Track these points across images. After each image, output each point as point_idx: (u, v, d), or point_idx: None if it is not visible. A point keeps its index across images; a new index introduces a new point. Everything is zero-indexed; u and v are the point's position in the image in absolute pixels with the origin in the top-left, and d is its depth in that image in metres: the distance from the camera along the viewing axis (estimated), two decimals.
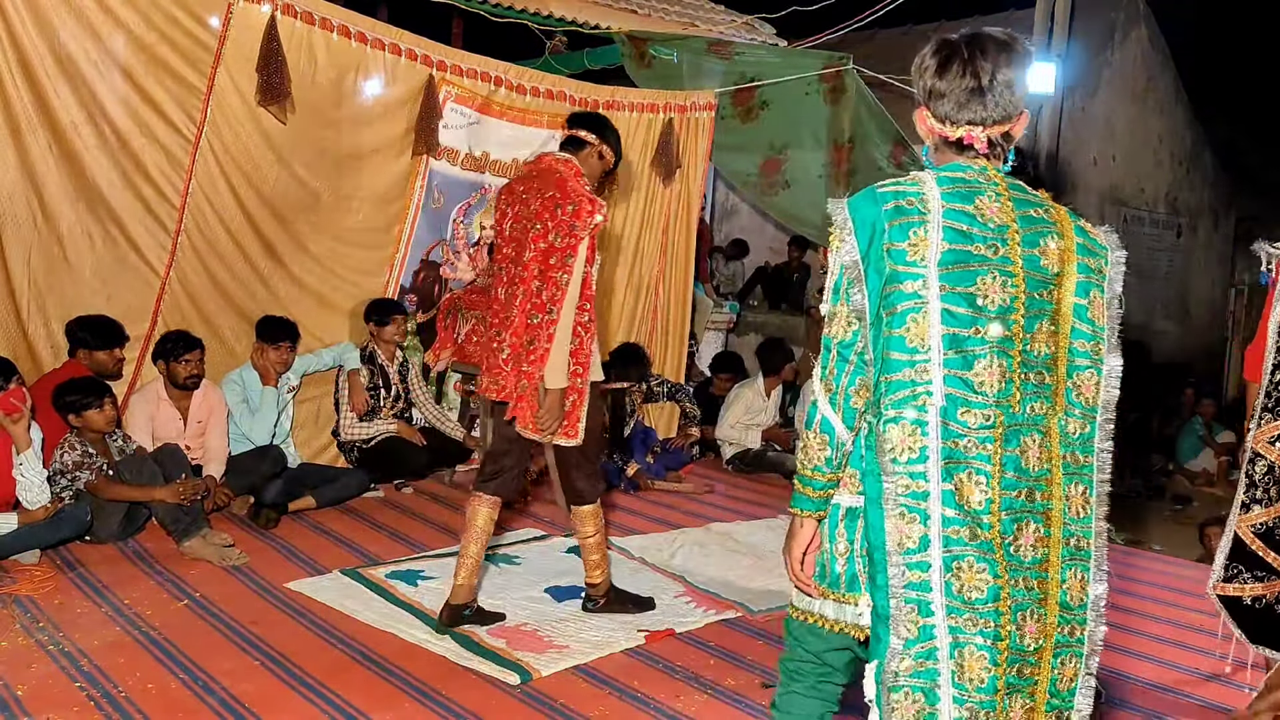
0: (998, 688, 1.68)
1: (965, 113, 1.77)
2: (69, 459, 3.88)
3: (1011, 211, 1.75)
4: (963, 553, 1.67)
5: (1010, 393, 1.70)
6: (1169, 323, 11.19)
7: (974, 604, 1.67)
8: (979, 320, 1.69)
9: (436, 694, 2.86)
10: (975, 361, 1.69)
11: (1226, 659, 3.28)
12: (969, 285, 1.69)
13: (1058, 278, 1.76)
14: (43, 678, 2.82)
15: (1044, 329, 1.74)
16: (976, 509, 1.68)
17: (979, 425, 1.68)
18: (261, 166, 4.56)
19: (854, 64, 6.11)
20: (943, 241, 1.70)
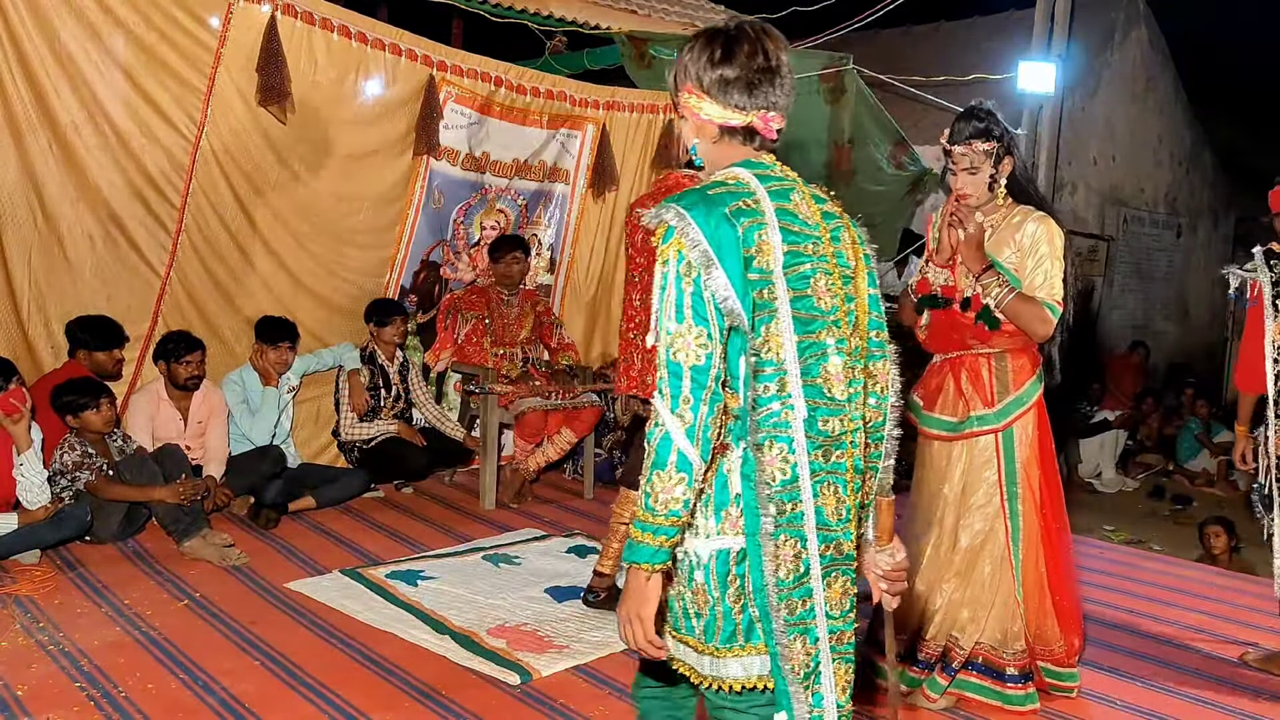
0: (852, 697, 1.67)
1: (758, 97, 1.66)
2: (69, 459, 3.88)
3: (815, 207, 1.70)
4: (831, 568, 1.61)
5: (856, 395, 1.66)
6: (1168, 323, 11.19)
7: (841, 618, 1.64)
8: (819, 323, 1.62)
9: (436, 694, 2.86)
10: (821, 366, 1.61)
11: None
12: (805, 287, 1.61)
13: (854, 271, 1.72)
14: (43, 678, 2.82)
15: (852, 324, 1.69)
16: (840, 520, 1.62)
17: (839, 432, 1.62)
18: (262, 167, 4.56)
19: (854, 64, 6.11)
20: (782, 244, 1.60)
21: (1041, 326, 2.75)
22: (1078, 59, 8.28)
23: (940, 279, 2.90)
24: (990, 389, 2.83)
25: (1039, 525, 2.86)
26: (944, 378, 2.91)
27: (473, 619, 3.41)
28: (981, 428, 2.84)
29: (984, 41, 9.35)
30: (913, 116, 8.03)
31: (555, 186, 5.82)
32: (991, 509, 2.84)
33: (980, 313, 2.79)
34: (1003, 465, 2.83)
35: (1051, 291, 2.75)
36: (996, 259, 2.80)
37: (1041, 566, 2.86)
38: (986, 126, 2.78)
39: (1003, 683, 2.88)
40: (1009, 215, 2.84)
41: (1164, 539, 6.49)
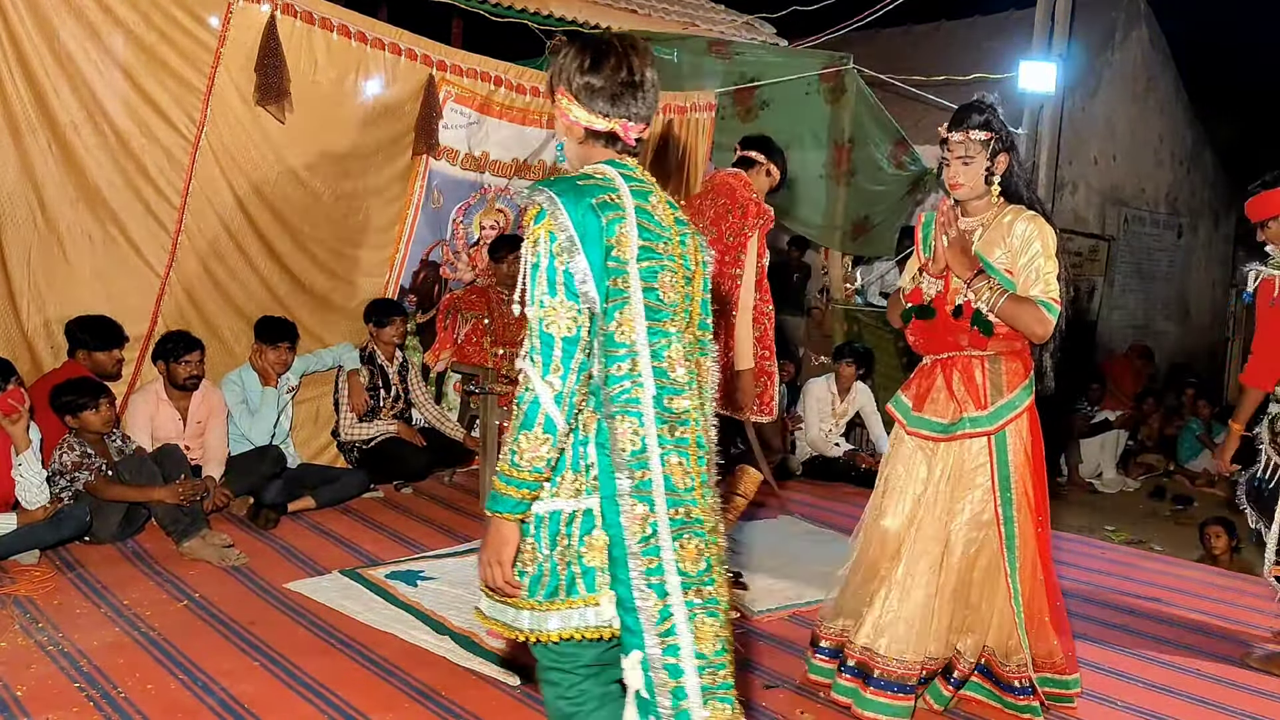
0: (726, 649, 1.82)
1: (620, 107, 1.81)
2: (68, 459, 3.88)
3: (670, 212, 1.87)
4: (682, 531, 1.78)
5: (693, 381, 1.84)
6: (1169, 323, 11.18)
7: (698, 576, 1.79)
8: (664, 314, 1.80)
9: (436, 695, 2.85)
10: (665, 353, 1.79)
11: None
12: (654, 280, 1.78)
13: (693, 274, 1.89)
14: (42, 678, 2.82)
15: (688, 321, 1.87)
16: (688, 488, 1.79)
17: (682, 410, 1.80)
18: (261, 166, 4.56)
19: (854, 64, 6.11)
20: (638, 239, 1.76)
21: (1040, 327, 2.68)
22: (1078, 59, 8.27)
23: (934, 290, 2.82)
24: (983, 391, 2.76)
25: (1035, 534, 2.78)
26: (935, 378, 2.85)
27: (472, 619, 3.40)
28: (974, 430, 2.76)
29: (984, 41, 9.35)
30: (913, 116, 8.02)
31: None
32: (986, 516, 2.75)
33: (973, 319, 2.72)
34: (996, 471, 2.75)
35: (1047, 290, 2.68)
36: (987, 260, 2.74)
37: (1039, 574, 2.81)
38: (987, 119, 2.74)
39: (1005, 691, 2.86)
40: (1000, 215, 2.78)
41: (1165, 539, 6.48)
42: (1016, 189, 2.80)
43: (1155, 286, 10.84)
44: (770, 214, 3.64)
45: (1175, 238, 11.01)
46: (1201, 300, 11.76)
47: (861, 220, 6.81)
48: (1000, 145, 2.74)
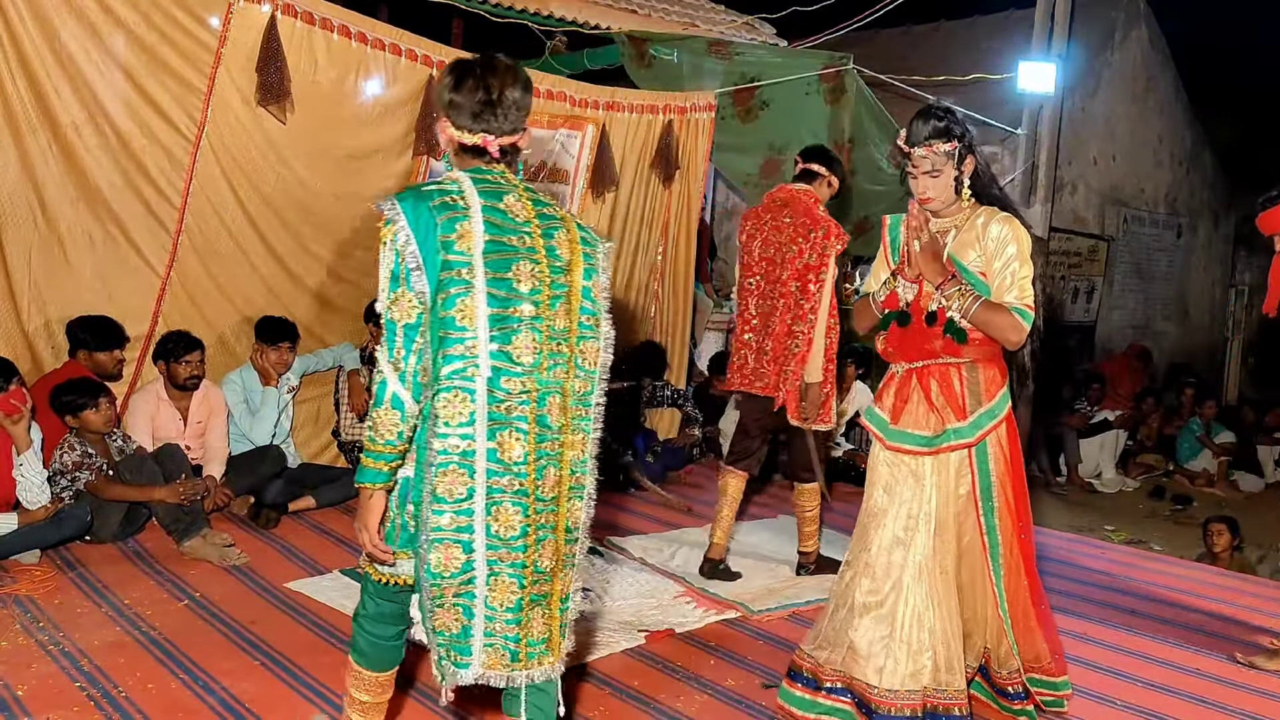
0: (522, 606, 2.05)
1: (480, 123, 2.06)
2: (69, 459, 3.88)
3: (531, 209, 2.07)
4: (501, 499, 2.00)
5: (540, 362, 2.03)
6: (1169, 323, 11.18)
7: (508, 540, 2.01)
8: (514, 301, 2.00)
9: (437, 694, 2.85)
10: (513, 337, 1.99)
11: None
12: (505, 271, 1.99)
13: (569, 264, 2.09)
14: (43, 677, 2.82)
15: (561, 308, 2.06)
16: (516, 461, 2.00)
17: (519, 391, 2.00)
18: (262, 167, 4.56)
19: (854, 64, 6.11)
20: (484, 233, 1.99)
21: (1014, 334, 2.60)
22: (1078, 59, 8.27)
23: (910, 294, 2.73)
24: (962, 400, 2.67)
25: (1017, 540, 2.73)
26: (911, 389, 2.74)
27: None
28: (958, 441, 2.67)
29: (984, 41, 9.35)
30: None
31: (554, 187, 5.81)
32: (968, 525, 2.70)
33: (946, 326, 2.64)
34: (977, 480, 2.68)
35: (1022, 296, 2.60)
36: (962, 263, 2.66)
37: (1023, 579, 2.76)
38: (946, 125, 2.62)
39: (1001, 695, 2.85)
40: (972, 216, 2.69)
41: (1164, 539, 6.49)
42: (985, 188, 2.73)
43: (1155, 286, 10.84)
44: (846, 235, 3.91)
45: (1175, 238, 11.01)
46: (1201, 300, 11.77)
47: (861, 220, 6.81)
48: (965, 149, 2.65)
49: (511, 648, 2.07)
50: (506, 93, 2.06)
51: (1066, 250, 9.24)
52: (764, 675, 3.10)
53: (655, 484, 5.47)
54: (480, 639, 2.05)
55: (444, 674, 2.10)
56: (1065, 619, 3.84)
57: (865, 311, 2.85)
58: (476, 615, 2.03)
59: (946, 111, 2.66)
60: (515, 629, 2.05)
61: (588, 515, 2.15)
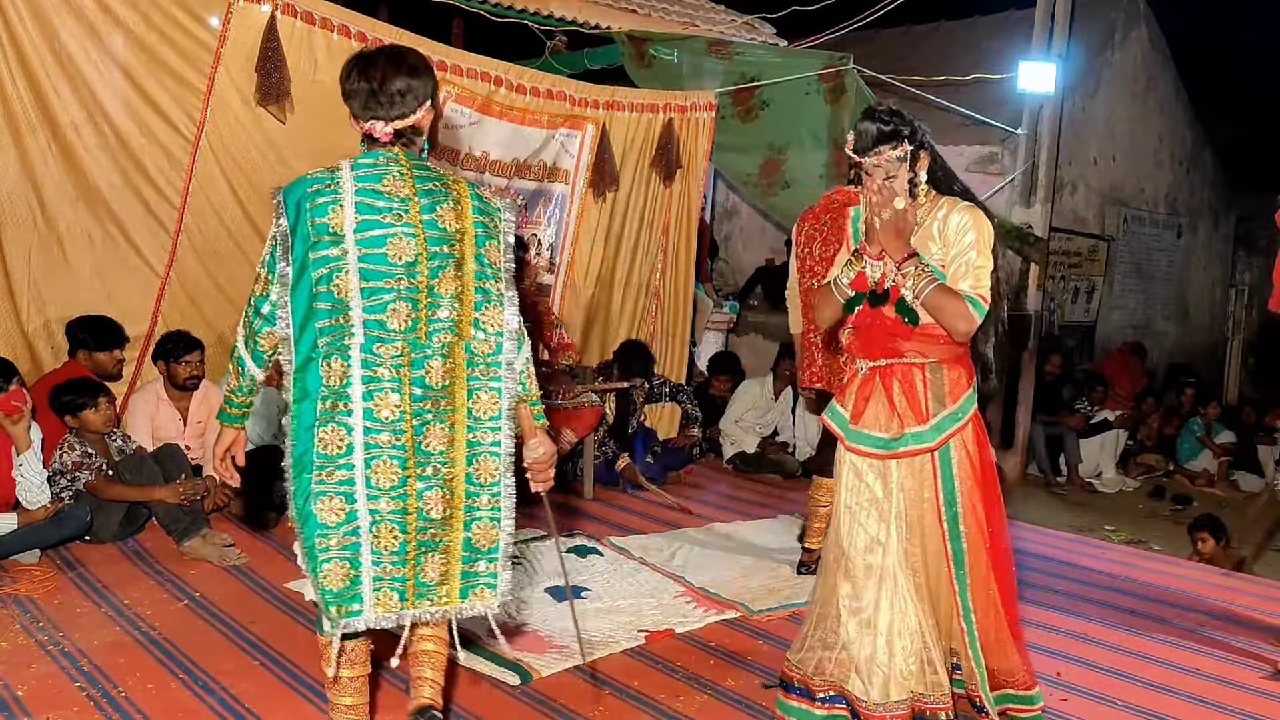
0: (408, 550, 2.23)
1: (367, 111, 2.29)
2: (69, 459, 3.88)
3: (413, 186, 2.24)
4: (379, 453, 2.19)
5: (416, 328, 2.21)
6: (1169, 323, 11.18)
7: (387, 490, 2.20)
8: (388, 274, 2.18)
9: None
10: (387, 307, 2.18)
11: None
12: (380, 246, 2.18)
13: (457, 233, 2.25)
14: (42, 677, 2.82)
15: (448, 275, 2.23)
16: (393, 419, 2.19)
17: (391, 356, 2.19)
18: (261, 167, 4.56)
19: (854, 64, 6.11)
20: (355, 214, 2.19)
21: (963, 324, 2.46)
22: (1078, 59, 8.27)
23: (878, 273, 2.57)
24: (925, 402, 2.55)
25: (986, 548, 2.58)
26: (873, 388, 2.62)
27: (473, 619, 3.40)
28: (917, 445, 2.55)
29: (984, 41, 9.34)
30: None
31: (555, 186, 5.82)
32: (933, 531, 2.57)
33: (897, 304, 2.51)
34: (940, 486, 2.56)
35: (976, 285, 2.48)
36: (924, 258, 2.53)
37: (992, 589, 2.59)
38: (894, 128, 2.51)
39: (975, 710, 2.69)
40: (933, 209, 2.58)
41: (1164, 539, 6.48)
42: (946, 180, 2.62)
43: (1155, 286, 10.84)
44: None
45: (1175, 238, 11.01)
46: (1201, 300, 11.76)
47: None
48: (918, 147, 2.54)
49: (399, 588, 2.25)
50: (388, 82, 2.26)
51: (1066, 250, 9.24)
52: (764, 675, 3.10)
53: (655, 484, 5.47)
54: (369, 585, 2.23)
55: (333, 625, 2.25)
56: (1065, 619, 3.84)
57: (827, 299, 2.67)
58: (364, 564, 2.21)
59: (892, 114, 2.54)
60: (401, 570, 2.23)
61: (504, 467, 2.32)
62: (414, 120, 2.28)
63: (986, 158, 7.95)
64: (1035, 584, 4.31)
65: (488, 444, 2.29)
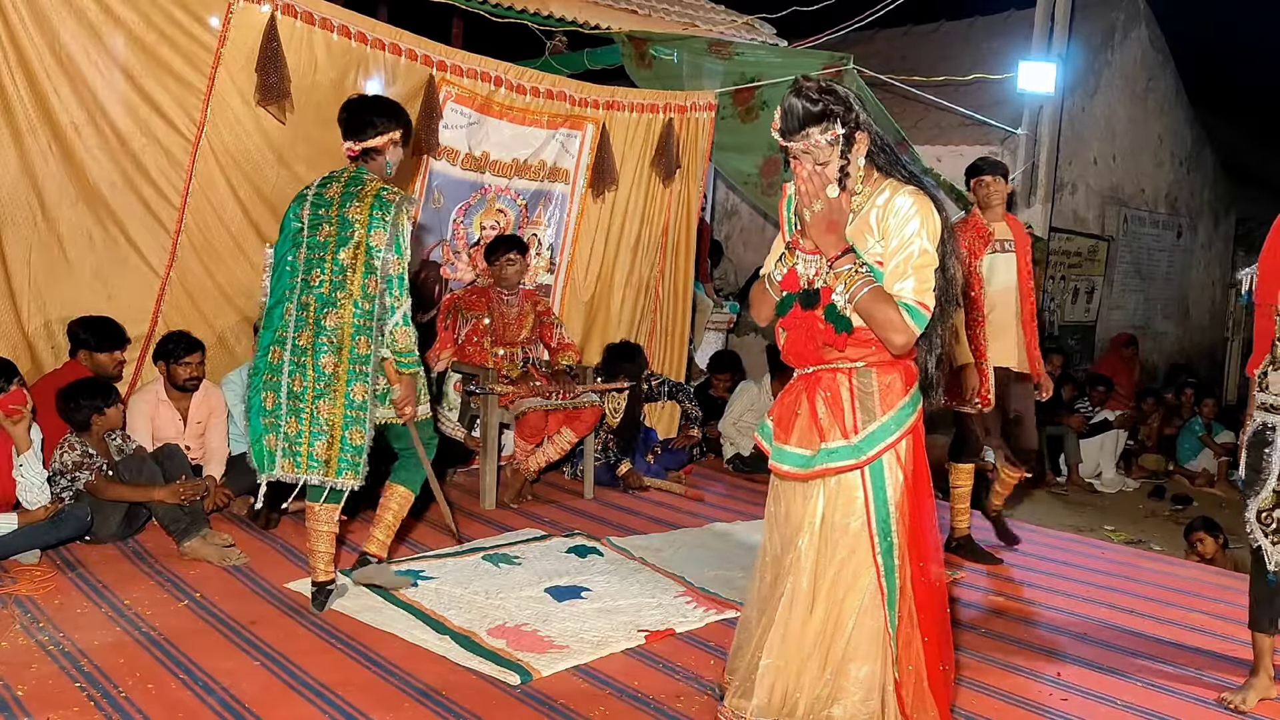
0: (300, 439, 3.25)
1: (345, 136, 3.37)
2: (69, 459, 3.88)
3: (340, 190, 3.29)
4: (265, 386, 3.28)
5: (324, 283, 3.25)
6: (1169, 323, 11.18)
7: (272, 411, 3.27)
8: (319, 250, 3.25)
9: (436, 694, 2.86)
10: (314, 270, 3.25)
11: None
12: (316, 233, 3.25)
13: (359, 221, 3.22)
14: (42, 678, 2.82)
15: (345, 251, 3.23)
16: (278, 364, 3.27)
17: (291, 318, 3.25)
18: (262, 167, 4.56)
19: (854, 64, 6.11)
20: (309, 210, 3.29)
21: (898, 335, 2.16)
22: (1078, 59, 8.28)
23: (812, 270, 2.29)
24: (852, 414, 2.25)
25: (914, 581, 2.29)
26: (799, 399, 2.34)
27: (473, 619, 3.41)
28: (832, 464, 2.25)
29: (984, 41, 9.35)
30: (913, 116, 8.03)
31: (555, 186, 5.82)
32: (861, 565, 2.26)
33: (826, 310, 2.21)
34: (873, 511, 2.25)
35: (918, 290, 2.16)
36: (858, 251, 2.23)
37: (915, 626, 2.30)
38: (823, 108, 2.17)
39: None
40: (874, 192, 2.25)
41: (1164, 539, 6.48)
42: (889, 163, 2.29)
43: (1155, 286, 10.85)
44: (973, 234, 4.38)
45: (1175, 238, 11.01)
46: (1201, 300, 11.77)
47: None
48: (853, 128, 2.21)
49: (295, 455, 3.28)
50: (351, 115, 3.36)
51: (1066, 250, 9.24)
52: None
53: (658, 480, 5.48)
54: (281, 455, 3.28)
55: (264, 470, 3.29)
56: (1065, 619, 3.84)
57: (762, 297, 2.43)
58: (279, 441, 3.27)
59: (823, 91, 2.19)
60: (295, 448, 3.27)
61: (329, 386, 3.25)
62: (371, 143, 3.35)
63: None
64: (1036, 584, 4.32)
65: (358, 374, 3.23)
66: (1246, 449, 3.11)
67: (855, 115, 2.21)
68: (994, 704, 3.01)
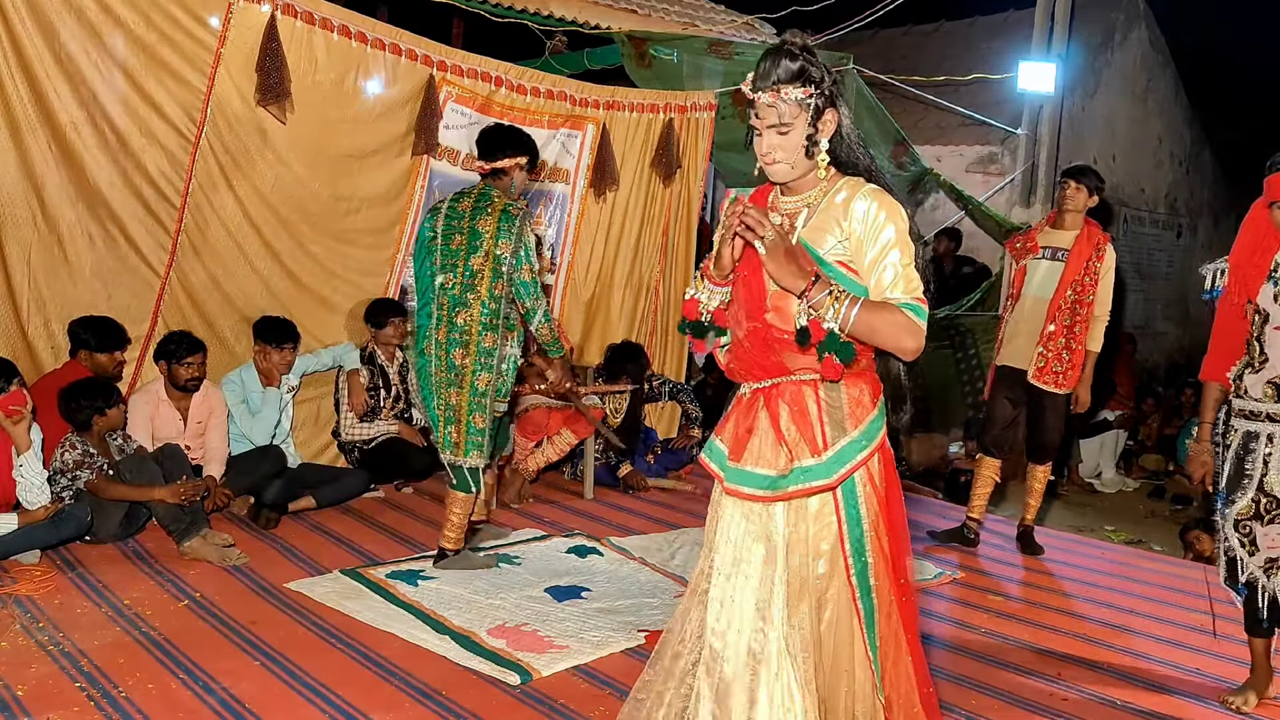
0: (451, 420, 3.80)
1: (479, 157, 3.81)
2: (69, 458, 3.88)
3: (470, 204, 3.75)
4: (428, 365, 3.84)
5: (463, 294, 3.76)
6: (1169, 323, 11.18)
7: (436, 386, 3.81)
8: (451, 259, 3.74)
9: (436, 694, 2.85)
10: (440, 279, 3.77)
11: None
12: (449, 241, 3.73)
13: (487, 232, 3.71)
14: (43, 678, 2.82)
15: (475, 258, 3.73)
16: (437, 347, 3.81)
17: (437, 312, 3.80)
18: (261, 167, 4.56)
19: (854, 64, 6.11)
20: (443, 220, 3.77)
21: (911, 339, 1.96)
22: (1078, 59, 8.27)
23: (715, 301, 2.11)
24: (821, 430, 2.03)
25: (897, 603, 2.10)
26: (755, 415, 2.10)
27: (473, 619, 3.41)
28: (808, 484, 2.02)
29: (984, 41, 9.35)
30: (913, 116, 8.02)
31: (555, 186, 5.82)
32: (837, 591, 2.05)
33: (825, 344, 1.95)
34: (846, 532, 2.04)
35: (910, 288, 1.98)
36: (816, 252, 2.02)
37: (905, 653, 2.11)
38: (802, 66, 1.99)
39: None
40: (830, 191, 2.05)
41: (1164, 539, 6.48)
42: (850, 155, 2.08)
43: (1155, 286, 10.84)
44: (1012, 243, 4.67)
45: (1175, 238, 11.01)
46: (1201, 300, 11.75)
47: None
48: (826, 101, 2.02)
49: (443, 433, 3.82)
50: (485, 139, 3.79)
51: None
52: None
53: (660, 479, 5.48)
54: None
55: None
56: (1065, 619, 3.84)
57: (693, 307, 2.18)
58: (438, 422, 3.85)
59: (804, 49, 2.04)
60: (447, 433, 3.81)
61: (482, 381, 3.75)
62: (497, 164, 3.77)
63: (986, 158, 7.95)
64: (1036, 584, 4.32)
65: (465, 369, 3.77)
66: (1230, 459, 3.04)
67: (829, 89, 2.04)
68: (994, 703, 3.01)
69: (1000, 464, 4.73)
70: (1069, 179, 4.49)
